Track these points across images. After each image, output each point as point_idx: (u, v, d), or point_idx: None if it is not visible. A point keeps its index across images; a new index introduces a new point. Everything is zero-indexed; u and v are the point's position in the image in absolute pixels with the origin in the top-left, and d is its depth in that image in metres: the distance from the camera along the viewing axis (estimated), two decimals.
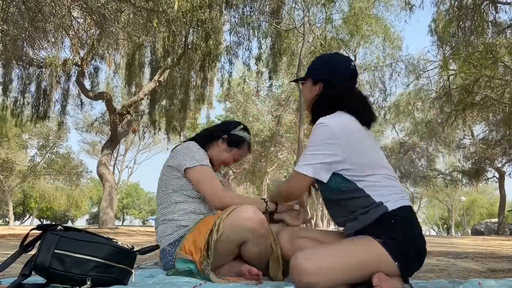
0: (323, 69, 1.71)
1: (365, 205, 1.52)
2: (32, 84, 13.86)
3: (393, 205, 1.51)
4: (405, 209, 1.53)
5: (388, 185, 1.56)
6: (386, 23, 15.66)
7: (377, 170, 1.57)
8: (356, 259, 1.43)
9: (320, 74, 1.70)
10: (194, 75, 14.97)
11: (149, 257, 3.11)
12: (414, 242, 1.50)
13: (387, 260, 1.43)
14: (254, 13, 13.15)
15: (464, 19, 10.37)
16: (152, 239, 7.54)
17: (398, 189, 1.57)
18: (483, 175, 21.91)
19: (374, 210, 1.50)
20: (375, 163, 1.58)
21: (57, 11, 7.34)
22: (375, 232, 1.47)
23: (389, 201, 1.51)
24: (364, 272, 1.43)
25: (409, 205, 1.55)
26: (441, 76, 14.25)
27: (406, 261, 1.46)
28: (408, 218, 1.52)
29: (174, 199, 1.85)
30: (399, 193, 1.56)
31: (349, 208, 1.56)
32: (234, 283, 1.58)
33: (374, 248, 1.44)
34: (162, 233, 1.85)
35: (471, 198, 40.61)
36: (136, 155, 39.05)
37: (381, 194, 1.52)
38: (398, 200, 1.53)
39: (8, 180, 23.51)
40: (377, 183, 1.54)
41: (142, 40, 11.12)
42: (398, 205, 1.51)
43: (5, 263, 1.36)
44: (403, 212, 1.51)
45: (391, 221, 1.48)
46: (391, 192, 1.54)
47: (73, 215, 41.13)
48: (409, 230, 1.49)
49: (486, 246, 6.83)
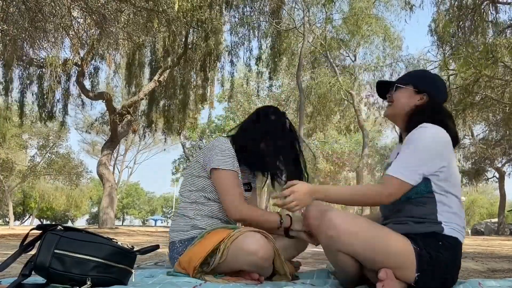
0: (429, 81, 1.71)
1: (424, 215, 1.49)
2: (32, 84, 13.86)
3: (449, 231, 1.47)
4: (457, 242, 1.49)
5: (456, 213, 1.52)
6: (386, 23, 15.67)
7: (457, 193, 1.54)
8: (384, 244, 1.42)
9: (427, 85, 1.69)
10: (194, 75, 14.97)
11: (149, 257, 3.10)
12: (448, 269, 1.46)
13: (409, 265, 1.41)
14: (254, 13, 13.16)
15: (464, 19, 10.38)
16: (152, 239, 7.53)
17: (462, 222, 1.54)
18: (483, 175, 21.92)
19: (430, 225, 1.47)
20: (458, 185, 1.56)
21: (57, 11, 7.34)
22: (416, 240, 1.44)
23: (448, 226, 1.48)
24: (382, 260, 1.41)
25: (462, 242, 1.52)
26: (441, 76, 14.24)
27: (426, 279, 1.42)
28: (455, 250, 1.48)
29: (195, 198, 1.84)
30: (461, 226, 1.52)
31: (408, 210, 1.52)
32: (234, 283, 1.58)
33: (406, 248, 1.42)
34: (177, 226, 1.85)
35: (471, 198, 40.62)
36: (136, 155, 39.07)
37: (446, 216, 1.49)
38: (456, 230, 1.49)
39: (8, 180, 23.51)
40: (451, 204, 1.51)
41: (142, 40, 11.12)
42: (454, 235, 1.48)
43: (5, 263, 1.36)
44: (454, 242, 1.47)
45: (439, 242, 1.45)
46: (456, 220, 1.51)
47: (73, 215, 41.12)
48: (449, 259, 1.45)
49: (486, 246, 6.83)
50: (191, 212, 1.83)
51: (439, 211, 1.49)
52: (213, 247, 1.61)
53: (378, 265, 1.42)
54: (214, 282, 1.56)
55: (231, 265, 1.63)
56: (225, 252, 1.58)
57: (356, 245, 1.41)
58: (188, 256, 1.67)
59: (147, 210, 55.34)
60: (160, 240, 7.07)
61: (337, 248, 1.43)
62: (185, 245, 1.77)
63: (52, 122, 16.05)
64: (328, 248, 1.50)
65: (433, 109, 1.63)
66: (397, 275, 1.42)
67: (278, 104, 20.14)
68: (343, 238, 1.40)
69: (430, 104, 1.65)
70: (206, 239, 1.69)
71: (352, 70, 16.40)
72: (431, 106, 1.64)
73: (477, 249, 5.65)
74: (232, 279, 1.64)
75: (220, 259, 1.58)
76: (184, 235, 1.80)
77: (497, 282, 1.57)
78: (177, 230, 1.83)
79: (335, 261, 1.53)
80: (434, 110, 1.62)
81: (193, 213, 1.82)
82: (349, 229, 1.41)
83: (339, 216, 1.44)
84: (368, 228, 1.45)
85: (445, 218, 1.48)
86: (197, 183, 1.85)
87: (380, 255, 1.42)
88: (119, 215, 49.43)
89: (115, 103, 17.21)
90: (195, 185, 1.85)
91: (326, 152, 21.24)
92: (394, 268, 1.41)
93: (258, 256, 1.56)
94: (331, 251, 1.48)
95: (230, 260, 1.59)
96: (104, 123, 18.07)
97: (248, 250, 1.56)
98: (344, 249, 1.42)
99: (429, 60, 14.55)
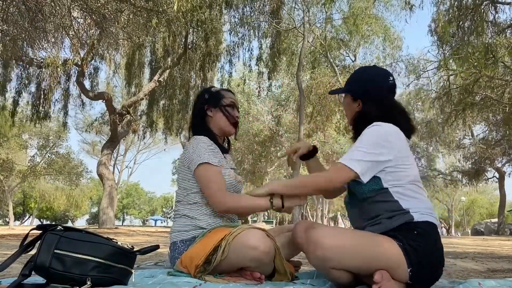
0: (360, 85, 1.72)
1: (391, 209, 1.51)
2: (32, 84, 13.86)
3: (419, 217, 1.49)
4: (431, 225, 1.51)
5: (418, 197, 1.55)
6: (386, 23, 15.66)
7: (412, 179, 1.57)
8: (372, 250, 1.43)
9: (360, 90, 1.71)
10: (194, 75, 14.97)
11: (149, 257, 3.11)
12: (432, 257, 1.47)
13: (400, 263, 1.42)
14: (254, 13, 13.16)
15: (464, 19, 10.38)
16: (152, 239, 7.53)
17: (427, 204, 1.56)
18: (483, 175, 21.93)
19: (400, 216, 1.49)
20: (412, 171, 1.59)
21: (57, 11, 7.34)
22: (396, 236, 1.46)
23: (416, 212, 1.50)
24: (375, 265, 1.42)
25: (435, 223, 1.53)
26: (441, 76, 14.25)
27: (419, 272, 1.43)
28: (432, 234, 1.50)
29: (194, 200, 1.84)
30: (428, 208, 1.54)
31: (373, 211, 1.55)
32: (234, 283, 1.58)
33: (393, 247, 1.43)
34: (178, 227, 1.84)
35: (471, 198, 40.64)
36: (136, 155, 39.10)
37: (410, 203, 1.51)
38: (425, 214, 1.51)
39: (8, 180, 23.53)
40: (408, 192, 1.54)
41: (142, 40, 11.12)
42: (425, 219, 1.50)
43: (5, 263, 1.36)
44: (427, 227, 1.49)
45: (414, 231, 1.46)
46: (420, 204, 1.53)
47: (73, 215, 41.15)
48: (430, 245, 1.47)
49: (486, 246, 6.82)
50: (191, 212, 1.83)
51: (400, 201, 1.52)
52: (214, 245, 1.61)
53: (371, 270, 1.43)
54: (214, 282, 1.56)
55: (232, 262, 1.62)
56: (226, 248, 1.58)
57: (346, 259, 1.42)
58: (190, 255, 1.67)
59: (147, 210, 55.37)
60: (160, 240, 7.07)
61: (328, 266, 1.44)
62: (187, 245, 1.77)
63: (51, 122, 16.04)
64: (320, 268, 1.51)
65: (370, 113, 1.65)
66: (392, 275, 1.42)
67: (278, 104, 20.17)
68: (332, 255, 1.41)
69: (367, 109, 1.68)
70: (207, 238, 1.70)
71: (352, 70, 16.37)
72: (368, 111, 1.67)
73: (477, 249, 5.65)
74: (232, 279, 1.64)
75: (222, 255, 1.58)
76: (186, 235, 1.80)
77: (497, 282, 1.57)
78: (178, 231, 1.83)
79: (329, 277, 1.54)
80: (371, 114, 1.65)
81: (194, 213, 1.83)
82: (335, 244, 1.41)
83: (322, 233, 1.45)
84: (353, 237, 1.47)
85: (409, 206, 1.51)
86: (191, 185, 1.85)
87: (371, 261, 1.43)
88: (119, 215, 49.45)
89: (115, 103, 17.22)
90: (189, 187, 1.85)
91: (326, 152, 21.23)
92: (388, 270, 1.42)
93: (259, 251, 1.57)
94: (324, 269, 1.49)
95: (232, 257, 1.59)
96: (104, 123, 18.06)
97: (250, 245, 1.57)
98: (335, 265, 1.43)
99: (429, 60, 14.57)
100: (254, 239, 1.58)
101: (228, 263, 1.62)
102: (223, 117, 1.97)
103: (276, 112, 20.20)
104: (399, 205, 1.51)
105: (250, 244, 1.57)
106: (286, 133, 20.73)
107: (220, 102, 1.97)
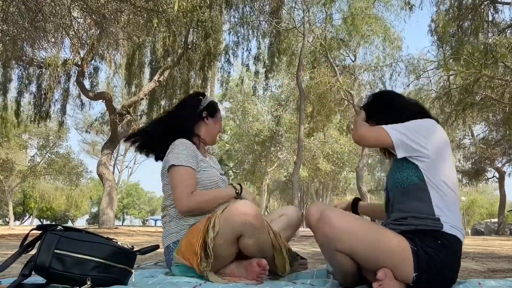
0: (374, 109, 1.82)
1: (423, 212, 1.48)
2: (32, 84, 13.86)
3: (449, 229, 1.44)
4: (457, 241, 1.45)
5: (454, 210, 1.51)
6: (386, 23, 15.65)
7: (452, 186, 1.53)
8: (381, 243, 1.41)
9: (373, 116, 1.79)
10: (194, 75, 14.97)
11: (149, 257, 3.11)
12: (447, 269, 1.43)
13: (406, 265, 1.39)
14: (254, 13, 13.16)
15: (464, 19, 10.38)
16: (152, 239, 7.53)
17: (459, 217, 1.52)
18: (483, 175, 21.92)
19: (429, 221, 1.45)
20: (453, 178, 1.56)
21: (57, 11, 7.34)
22: (413, 238, 1.42)
23: (447, 223, 1.45)
24: (380, 259, 1.41)
25: (462, 240, 1.48)
26: (441, 76, 14.24)
27: (426, 280, 1.40)
28: (455, 248, 1.44)
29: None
30: (460, 225, 1.50)
31: (405, 209, 1.52)
32: (234, 283, 1.58)
33: (403, 248, 1.41)
34: (168, 230, 1.86)
35: (471, 198, 40.63)
36: (136, 155, 39.06)
37: (444, 212, 1.47)
38: (455, 228, 1.46)
39: (8, 180, 23.52)
40: (446, 199, 1.50)
41: (142, 40, 11.12)
42: (453, 233, 1.45)
43: (5, 263, 1.36)
44: (453, 241, 1.44)
45: (438, 241, 1.42)
46: (454, 218, 1.49)
47: (73, 215, 41.15)
48: (448, 258, 1.42)
49: (486, 246, 6.82)
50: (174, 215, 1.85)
51: (434, 205, 1.48)
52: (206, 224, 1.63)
53: (376, 264, 1.42)
54: (215, 282, 1.55)
55: (226, 237, 1.60)
56: (217, 221, 1.59)
57: (353, 243, 1.40)
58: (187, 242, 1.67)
59: (147, 210, 55.38)
60: (160, 240, 7.06)
61: (334, 246, 1.42)
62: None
63: (51, 122, 16.03)
64: (325, 247, 1.49)
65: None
66: (395, 274, 1.41)
67: (278, 104, 20.16)
68: (339, 236, 1.40)
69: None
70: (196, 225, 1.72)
71: (352, 70, 16.39)
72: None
73: (477, 249, 5.65)
74: (232, 279, 1.64)
75: (214, 231, 1.58)
76: (177, 236, 1.81)
77: (497, 282, 1.57)
78: (170, 233, 1.85)
79: (333, 261, 1.52)
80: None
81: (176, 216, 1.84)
82: (345, 227, 1.41)
83: (335, 214, 1.44)
84: (364, 226, 1.45)
85: (442, 214, 1.47)
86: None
87: (376, 254, 1.41)
88: (119, 215, 49.44)
89: (115, 103, 17.22)
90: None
91: (326, 152, 21.23)
92: (392, 268, 1.40)
93: (250, 215, 1.58)
94: (328, 250, 1.47)
95: (225, 231, 1.59)
96: (104, 123, 18.08)
97: (239, 211, 1.59)
98: (340, 248, 1.41)
99: (429, 60, 14.55)
100: (243, 206, 1.60)
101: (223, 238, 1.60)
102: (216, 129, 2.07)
103: (276, 112, 20.20)
104: (433, 210, 1.47)
105: (240, 210, 1.59)
106: (286, 133, 20.73)
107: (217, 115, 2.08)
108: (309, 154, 20.96)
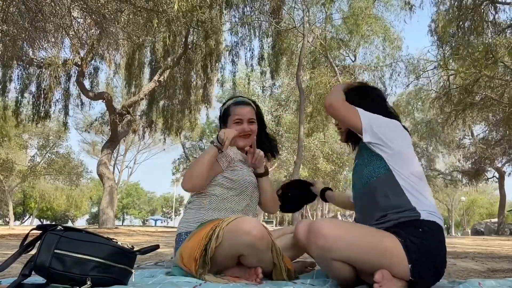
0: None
1: (399, 205, 1.52)
2: (32, 84, 13.85)
3: (426, 216, 1.49)
4: (437, 226, 1.50)
5: (427, 197, 1.56)
6: (386, 23, 15.65)
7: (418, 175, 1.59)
8: (374, 244, 1.43)
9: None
10: (194, 75, 14.97)
11: (149, 257, 3.11)
12: (435, 255, 1.46)
13: (401, 259, 1.42)
14: (254, 13, 13.16)
15: (464, 19, 10.38)
16: (152, 239, 7.53)
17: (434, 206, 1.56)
18: (483, 175, 21.93)
19: (406, 212, 1.50)
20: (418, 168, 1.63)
21: (57, 11, 7.34)
22: (398, 232, 1.46)
23: (424, 210, 1.50)
24: (376, 260, 1.42)
25: (441, 224, 1.52)
26: (441, 76, 14.24)
27: (420, 269, 1.43)
28: (437, 234, 1.49)
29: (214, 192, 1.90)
30: (435, 210, 1.54)
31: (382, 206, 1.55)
32: (234, 283, 1.58)
33: (394, 244, 1.43)
34: (184, 219, 1.90)
35: (471, 198, 40.62)
36: (136, 155, 39.09)
37: (418, 200, 1.52)
38: (432, 214, 1.51)
39: (8, 180, 23.50)
40: (417, 188, 1.55)
41: (142, 40, 11.11)
42: (431, 219, 1.49)
43: (5, 263, 1.36)
44: (434, 227, 1.49)
45: (419, 229, 1.46)
46: (428, 204, 1.53)
47: (73, 215, 41.13)
48: (434, 244, 1.47)
49: (486, 246, 6.82)
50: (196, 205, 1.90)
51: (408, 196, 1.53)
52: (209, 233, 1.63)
53: (372, 265, 1.43)
54: (214, 282, 1.55)
55: (227, 251, 1.62)
56: (220, 233, 1.59)
57: (347, 249, 1.42)
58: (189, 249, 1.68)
59: (147, 210, 55.34)
60: (160, 240, 7.07)
61: (330, 256, 1.43)
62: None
63: (51, 122, 16.01)
64: (321, 259, 1.50)
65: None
66: (393, 273, 1.42)
67: (278, 104, 20.17)
68: (333, 245, 1.41)
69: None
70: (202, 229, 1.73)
71: (352, 70, 16.38)
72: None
73: (477, 249, 5.65)
74: (232, 279, 1.64)
75: (216, 242, 1.58)
76: (190, 227, 1.84)
77: (497, 282, 1.57)
78: (184, 222, 1.88)
79: (331, 270, 1.54)
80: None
81: (198, 206, 1.88)
82: (337, 235, 1.42)
83: (324, 224, 1.45)
84: (354, 229, 1.48)
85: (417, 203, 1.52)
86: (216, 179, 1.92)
87: (371, 255, 1.43)
88: (119, 215, 49.42)
89: (115, 103, 17.21)
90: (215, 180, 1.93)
91: (326, 152, 21.23)
92: (389, 266, 1.42)
93: (252, 235, 1.56)
94: (325, 260, 1.48)
95: (227, 245, 1.59)
96: (104, 123, 18.06)
97: (243, 230, 1.57)
98: (336, 256, 1.42)
99: (429, 60, 14.53)
100: (247, 224, 1.59)
101: (223, 252, 1.61)
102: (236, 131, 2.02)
103: (276, 112, 20.20)
104: (408, 200, 1.52)
105: (243, 228, 1.57)
106: (286, 133, 20.72)
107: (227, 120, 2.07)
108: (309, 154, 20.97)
